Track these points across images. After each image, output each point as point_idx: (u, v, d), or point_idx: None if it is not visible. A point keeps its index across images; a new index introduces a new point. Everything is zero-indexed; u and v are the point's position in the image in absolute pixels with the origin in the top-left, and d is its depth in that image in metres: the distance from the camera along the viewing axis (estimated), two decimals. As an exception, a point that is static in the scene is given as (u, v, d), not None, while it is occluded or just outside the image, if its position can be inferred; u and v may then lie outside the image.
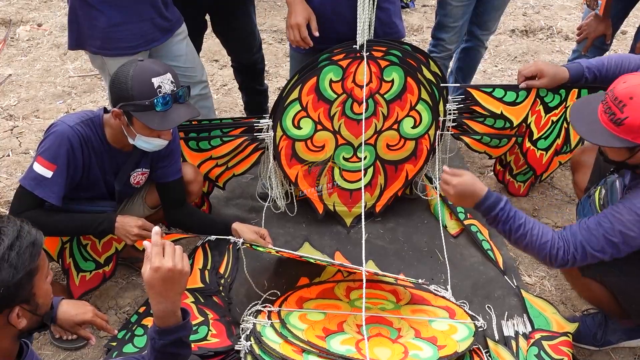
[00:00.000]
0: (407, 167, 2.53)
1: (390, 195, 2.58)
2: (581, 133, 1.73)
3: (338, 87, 2.33)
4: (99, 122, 1.96)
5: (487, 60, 4.13)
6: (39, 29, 4.50)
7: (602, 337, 2.04)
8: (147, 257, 1.29)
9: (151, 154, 2.07)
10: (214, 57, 4.10)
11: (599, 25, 2.67)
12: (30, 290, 1.20)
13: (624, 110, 1.60)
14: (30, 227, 1.22)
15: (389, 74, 2.34)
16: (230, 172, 2.51)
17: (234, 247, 2.45)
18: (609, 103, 1.65)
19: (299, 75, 2.34)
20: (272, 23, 4.61)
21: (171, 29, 2.33)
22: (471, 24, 2.97)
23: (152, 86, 1.79)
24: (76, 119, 1.92)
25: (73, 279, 2.18)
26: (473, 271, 2.39)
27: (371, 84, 2.35)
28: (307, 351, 1.79)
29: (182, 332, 1.34)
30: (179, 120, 1.86)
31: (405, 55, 2.33)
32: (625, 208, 1.66)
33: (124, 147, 2.01)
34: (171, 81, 1.84)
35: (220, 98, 3.67)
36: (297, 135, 2.41)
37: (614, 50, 4.19)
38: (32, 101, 3.60)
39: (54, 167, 1.86)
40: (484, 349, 1.98)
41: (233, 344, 1.91)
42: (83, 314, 1.56)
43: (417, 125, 2.44)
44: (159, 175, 2.16)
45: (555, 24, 4.60)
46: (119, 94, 1.82)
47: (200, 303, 2.12)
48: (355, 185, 2.52)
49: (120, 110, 1.85)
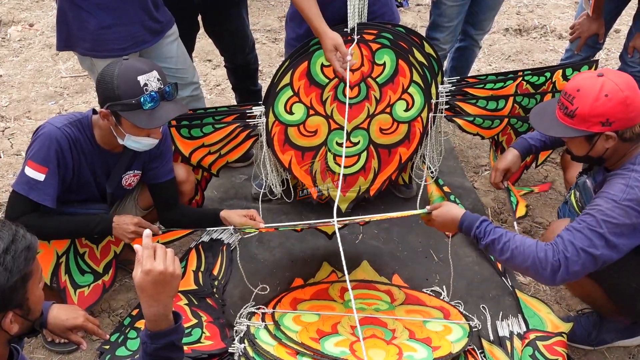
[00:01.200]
0: (400, 150, 2.50)
1: (384, 179, 2.55)
2: (541, 129, 1.86)
3: (329, 71, 2.30)
4: (87, 124, 1.94)
5: (481, 59, 4.13)
6: (30, 29, 4.47)
7: (597, 337, 2.04)
8: (138, 261, 1.27)
9: (142, 155, 2.05)
10: (207, 57, 4.08)
11: (591, 24, 2.67)
12: (23, 294, 1.19)
13: (573, 102, 1.72)
14: (25, 231, 1.21)
15: (380, 57, 2.32)
16: (224, 159, 2.47)
17: (227, 249, 2.44)
18: (561, 100, 1.77)
19: (290, 61, 2.32)
20: (266, 23, 4.59)
21: (162, 30, 2.32)
22: (465, 23, 2.97)
23: (138, 84, 1.77)
24: (64, 121, 1.90)
25: (71, 298, 2.09)
26: (468, 271, 2.39)
27: (363, 67, 2.32)
28: (301, 353, 1.78)
29: (174, 335, 1.32)
30: (167, 118, 1.84)
31: (397, 38, 2.33)
32: (602, 199, 1.68)
33: (114, 148, 2.00)
34: (157, 78, 1.82)
35: (214, 98, 3.66)
36: (289, 120, 2.38)
37: (607, 49, 4.20)
38: (24, 102, 3.58)
39: (46, 169, 1.84)
40: (478, 350, 1.98)
41: (227, 347, 1.90)
42: (74, 318, 1.54)
43: (410, 108, 2.42)
44: (150, 176, 2.14)
45: (549, 23, 4.61)
46: (105, 94, 1.80)
47: (194, 305, 2.11)
48: (349, 170, 2.49)
49: (107, 111, 1.82)
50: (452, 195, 2.69)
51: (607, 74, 1.71)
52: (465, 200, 2.72)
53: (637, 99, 1.68)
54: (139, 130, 1.83)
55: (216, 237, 2.50)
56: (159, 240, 2.14)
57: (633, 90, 1.68)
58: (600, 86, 1.68)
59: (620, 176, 1.71)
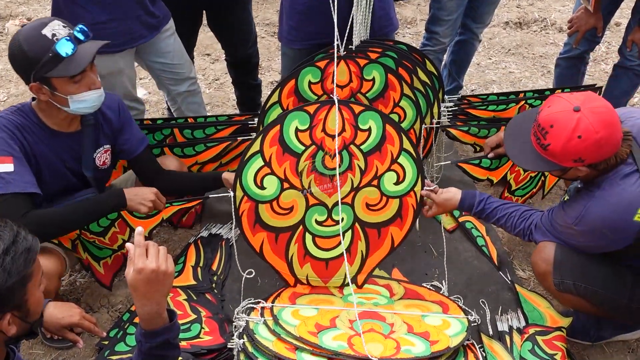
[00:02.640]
0: (392, 231, 2.16)
1: (374, 266, 2.19)
2: (512, 156, 1.85)
3: (305, 137, 2.03)
4: (29, 110, 1.87)
5: (481, 52, 4.12)
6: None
7: (595, 333, 2.04)
8: (130, 259, 1.26)
9: (103, 128, 2.00)
10: (205, 51, 4.06)
11: (589, 18, 2.65)
12: (22, 296, 1.19)
13: (546, 137, 1.69)
14: (27, 233, 1.20)
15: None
16: (225, 168, 2.49)
17: (226, 244, 2.44)
18: (535, 128, 1.74)
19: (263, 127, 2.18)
20: (265, 16, 4.58)
21: (158, 25, 2.31)
22: (465, 17, 2.95)
23: (46, 38, 1.71)
24: (1, 112, 1.84)
25: (97, 270, 2.16)
26: (467, 266, 2.39)
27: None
28: (300, 349, 1.78)
29: (169, 334, 1.31)
30: (91, 54, 1.76)
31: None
32: (561, 213, 1.86)
33: (68, 127, 1.92)
34: (63, 25, 1.75)
35: (213, 92, 3.64)
36: (260, 196, 2.04)
37: (607, 43, 4.19)
38: (22, 97, 3.57)
39: (10, 158, 1.76)
40: (478, 344, 1.98)
41: (226, 342, 1.90)
42: (70, 316, 1.53)
43: (401, 181, 2.11)
44: (127, 151, 2.10)
45: (549, 16, 4.59)
46: (23, 67, 1.74)
47: (193, 300, 2.11)
48: (332, 254, 2.13)
49: (36, 83, 1.76)
50: None
51: (584, 108, 1.63)
52: (462, 190, 2.71)
53: (612, 137, 1.64)
54: (75, 84, 1.76)
55: (215, 232, 2.50)
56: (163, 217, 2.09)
57: (609, 127, 1.63)
58: (575, 125, 1.62)
59: (585, 195, 1.78)
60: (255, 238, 2.08)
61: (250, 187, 2.03)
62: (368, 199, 2.11)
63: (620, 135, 1.67)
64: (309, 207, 2.09)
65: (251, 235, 2.08)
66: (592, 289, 1.87)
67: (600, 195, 1.72)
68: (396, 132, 2.06)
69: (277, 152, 2.01)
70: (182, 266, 2.29)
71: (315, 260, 2.13)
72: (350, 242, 2.13)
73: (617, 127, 1.65)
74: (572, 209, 1.80)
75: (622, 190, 1.69)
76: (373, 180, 2.10)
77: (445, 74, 3.28)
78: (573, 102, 1.65)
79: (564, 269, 1.89)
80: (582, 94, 1.70)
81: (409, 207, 2.13)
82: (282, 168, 2.03)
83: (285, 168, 2.03)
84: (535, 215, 1.99)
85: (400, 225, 2.15)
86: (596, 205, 1.72)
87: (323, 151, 2.04)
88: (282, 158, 2.02)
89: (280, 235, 2.08)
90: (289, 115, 2.00)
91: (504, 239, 2.55)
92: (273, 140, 2.00)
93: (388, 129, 2.05)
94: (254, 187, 2.03)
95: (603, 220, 1.72)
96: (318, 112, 2.02)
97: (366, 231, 2.14)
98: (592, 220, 1.74)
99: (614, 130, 1.64)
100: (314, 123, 2.03)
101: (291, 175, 2.05)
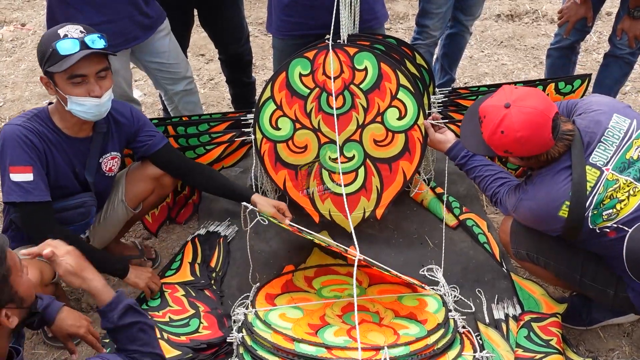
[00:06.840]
0: (402, 165, 2.32)
1: (391, 199, 2.35)
2: (463, 136, 1.96)
3: (309, 80, 2.24)
4: (45, 116, 1.91)
5: (474, 45, 4.13)
6: (22, 29, 4.46)
7: (588, 316, 2.06)
8: (53, 260, 1.40)
9: (116, 135, 2.03)
10: (200, 52, 4.08)
11: (579, 8, 2.67)
12: (9, 291, 1.21)
13: (481, 125, 1.80)
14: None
15: (360, 61, 2.24)
16: (220, 164, 2.51)
17: (224, 241, 2.46)
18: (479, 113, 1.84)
19: None
20: (258, 15, 4.59)
21: (152, 26, 2.32)
22: (455, 9, 2.97)
23: (57, 35, 1.77)
24: (21, 118, 1.88)
25: (146, 219, 2.46)
26: (463, 256, 2.41)
27: (343, 74, 2.26)
28: (297, 340, 1.80)
29: (125, 300, 1.41)
30: (78, 57, 1.74)
31: (389, 50, 2.30)
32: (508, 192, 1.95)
33: (80, 132, 1.95)
34: (81, 30, 1.79)
35: (207, 92, 3.66)
36: (277, 136, 2.30)
37: (599, 32, 4.21)
38: (18, 102, 3.58)
39: (30, 168, 1.81)
40: (474, 332, 2.00)
41: (225, 336, 1.92)
42: (77, 327, 1.52)
43: (403, 117, 2.28)
44: (146, 150, 2.12)
45: (540, 8, 4.60)
46: (38, 59, 1.82)
47: (191, 296, 2.13)
48: (349, 189, 2.33)
49: (45, 76, 1.83)
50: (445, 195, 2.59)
51: (514, 106, 1.71)
52: (460, 186, 2.73)
53: (534, 138, 1.71)
54: (73, 86, 1.79)
55: (212, 230, 2.52)
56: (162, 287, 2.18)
57: (531, 128, 1.70)
58: (500, 120, 1.73)
59: (521, 188, 1.89)
60: (278, 176, 2.32)
61: (267, 129, 2.28)
62: (375, 135, 2.29)
63: (548, 136, 1.72)
64: (320, 145, 2.30)
65: (274, 173, 2.33)
66: (545, 260, 1.97)
67: (531, 189, 1.84)
68: (391, 69, 2.22)
69: (286, 96, 2.26)
70: (180, 263, 2.31)
71: (335, 196, 2.32)
72: (364, 178, 2.32)
73: (542, 129, 1.71)
74: (512, 198, 1.93)
75: (550, 187, 1.78)
76: (377, 117, 2.28)
77: (438, 67, 3.29)
78: (508, 98, 1.74)
79: (518, 240, 2.03)
80: (525, 91, 1.77)
81: (416, 141, 2.29)
82: (293, 110, 2.26)
83: (295, 110, 2.26)
84: (504, 188, 2.03)
85: (409, 159, 2.31)
86: (527, 199, 1.84)
87: (326, 93, 2.24)
88: (291, 101, 2.26)
89: (299, 172, 2.32)
90: (292, 62, 2.22)
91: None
92: (281, 85, 2.24)
93: (383, 67, 2.22)
94: (270, 129, 2.28)
95: (532, 213, 1.85)
96: (317, 57, 2.23)
97: (378, 167, 2.32)
98: (523, 212, 1.88)
99: (538, 131, 1.70)
100: (315, 67, 2.23)
101: (301, 116, 2.28)
